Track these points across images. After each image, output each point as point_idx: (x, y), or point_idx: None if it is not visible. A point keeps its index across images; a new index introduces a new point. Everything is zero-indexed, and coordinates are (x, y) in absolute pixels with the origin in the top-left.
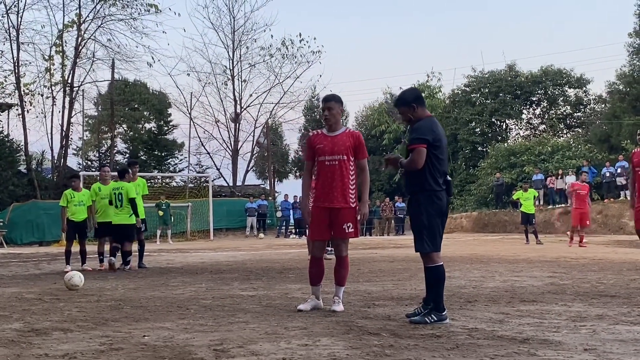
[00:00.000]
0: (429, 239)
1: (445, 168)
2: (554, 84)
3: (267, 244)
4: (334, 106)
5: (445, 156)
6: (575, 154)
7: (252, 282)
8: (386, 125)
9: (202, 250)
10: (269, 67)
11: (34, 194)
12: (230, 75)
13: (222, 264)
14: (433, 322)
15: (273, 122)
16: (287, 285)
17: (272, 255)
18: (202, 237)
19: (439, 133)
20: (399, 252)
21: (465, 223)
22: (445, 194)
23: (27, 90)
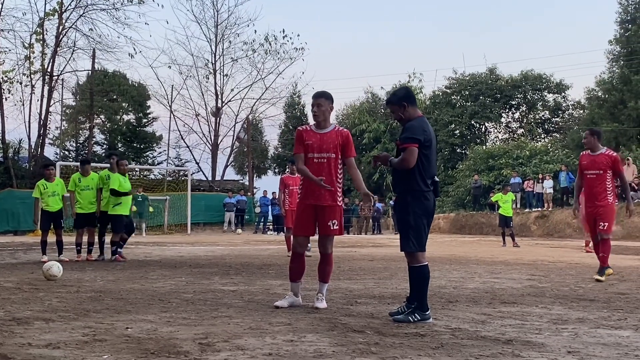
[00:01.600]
0: (414, 239)
1: (433, 169)
2: (533, 88)
3: (245, 240)
4: (324, 103)
5: (434, 157)
6: (553, 159)
7: (233, 277)
8: (366, 125)
9: (180, 244)
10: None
11: (10, 182)
12: (212, 69)
13: (200, 259)
14: (416, 321)
15: (254, 118)
16: (268, 281)
17: (251, 250)
18: (179, 230)
19: (430, 133)
20: (378, 251)
21: (442, 224)
22: (433, 195)
23: (5, 77)
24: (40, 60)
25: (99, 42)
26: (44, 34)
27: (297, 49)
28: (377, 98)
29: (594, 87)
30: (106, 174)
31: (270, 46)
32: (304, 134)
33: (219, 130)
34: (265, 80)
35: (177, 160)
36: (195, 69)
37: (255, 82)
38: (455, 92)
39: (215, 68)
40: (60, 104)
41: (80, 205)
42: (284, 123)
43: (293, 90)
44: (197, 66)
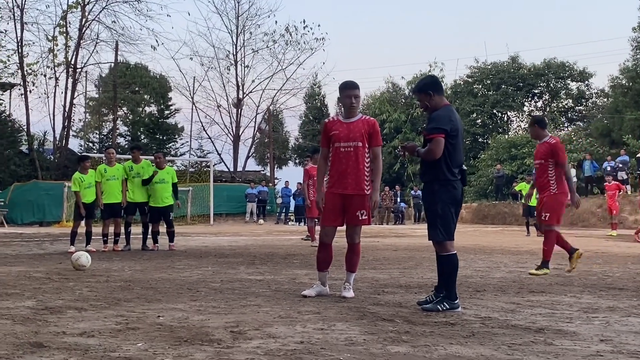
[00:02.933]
0: (442, 228)
1: (460, 158)
2: (556, 76)
3: (267, 230)
4: (359, 93)
5: (461, 146)
6: (577, 148)
7: (258, 267)
8: (387, 115)
9: (203, 234)
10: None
11: (35, 174)
12: (233, 61)
13: (225, 249)
14: (445, 310)
15: (275, 109)
16: (293, 270)
17: (274, 241)
18: (201, 221)
19: (457, 122)
20: (401, 241)
21: (465, 214)
22: (460, 184)
23: (30, 70)
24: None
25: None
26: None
27: (318, 39)
28: (397, 88)
29: (617, 75)
30: (129, 165)
31: (290, 37)
32: (330, 125)
33: (241, 122)
34: (286, 71)
35: (199, 152)
36: (217, 60)
37: (276, 73)
38: (477, 81)
39: (236, 59)
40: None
41: (106, 196)
42: (304, 114)
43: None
44: (218, 57)
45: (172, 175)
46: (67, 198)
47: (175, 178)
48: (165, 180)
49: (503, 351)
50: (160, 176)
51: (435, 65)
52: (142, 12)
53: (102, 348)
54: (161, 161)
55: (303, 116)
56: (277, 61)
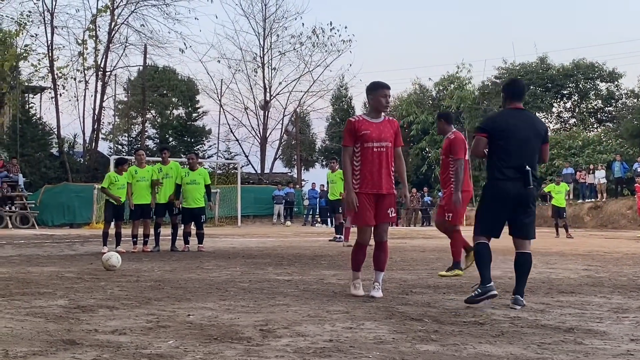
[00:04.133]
0: (479, 222)
1: (517, 159)
2: (585, 77)
3: (295, 232)
4: (390, 94)
5: (517, 147)
6: (606, 149)
7: (286, 268)
8: (414, 116)
9: (231, 235)
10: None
11: (66, 176)
12: (260, 63)
13: (253, 250)
14: (479, 295)
15: (301, 111)
16: (321, 271)
17: (302, 242)
18: (229, 223)
19: (503, 124)
20: (429, 243)
21: None
22: (513, 184)
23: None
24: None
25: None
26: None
27: (345, 41)
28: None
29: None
30: (159, 167)
31: (317, 39)
32: (358, 124)
33: (268, 124)
34: (313, 73)
35: (226, 154)
36: (244, 62)
37: (302, 75)
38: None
39: (263, 62)
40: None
41: (136, 197)
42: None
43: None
44: (245, 60)
45: (205, 177)
46: (97, 200)
47: (208, 179)
48: (197, 181)
49: (532, 350)
50: (192, 177)
51: (463, 66)
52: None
53: (133, 345)
54: (194, 162)
55: (330, 118)
56: (304, 63)
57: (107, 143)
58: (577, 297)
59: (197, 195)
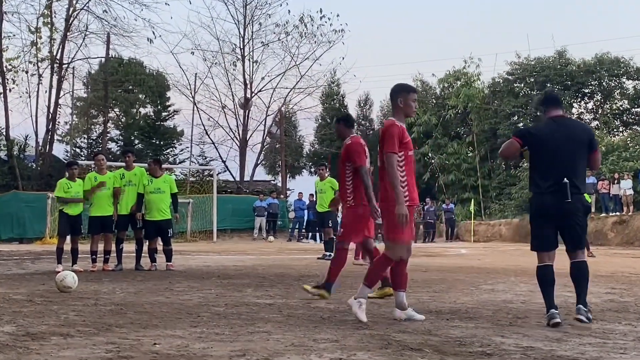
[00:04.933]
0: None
1: (554, 170)
2: (609, 74)
3: (278, 248)
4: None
5: (553, 158)
6: (633, 155)
7: (267, 289)
8: (416, 117)
9: (205, 252)
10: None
11: (15, 184)
12: (240, 55)
13: (230, 269)
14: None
15: (287, 110)
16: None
17: (286, 260)
18: (204, 238)
19: (542, 135)
20: (432, 261)
21: (504, 231)
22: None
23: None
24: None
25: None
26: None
27: (337, 31)
28: (427, 86)
29: None
30: (121, 173)
31: (305, 28)
32: (403, 130)
33: (248, 125)
34: (300, 67)
35: (201, 159)
36: (222, 55)
37: (288, 69)
38: (519, 79)
39: (243, 54)
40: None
41: (95, 208)
42: (321, 116)
43: (331, 79)
44: (223, 52)
45: (171, 184)
46: (51, 211)
47: (174, 187)
48: (162, 189)
49: None
50: (156, 185)
51: (471, 61)
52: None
53: None
54: (153, 169)
55: (319, 118)
56: (290, 56)
57: (63, 146)
58: (599, 324)
59: (163, 206)
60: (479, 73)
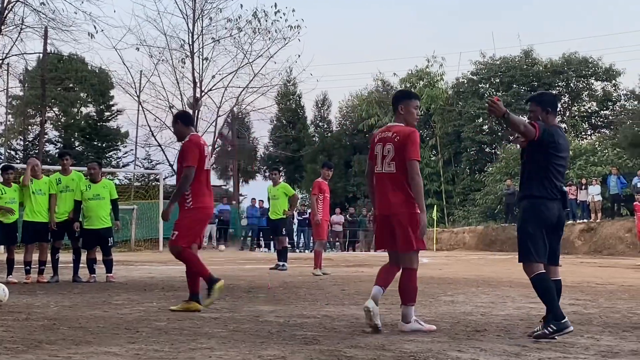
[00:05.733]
0: (532, 247)
1: (561, 178)
2: (577, 75)
3: (229, 258)
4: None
5: (564, 167)
6: (601, 160)
7: (214, 303)
8: (376, 119)
9: (150, 263)
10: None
11: None
12: (189, 52)
13: (175, 280)
14: (553, 332)
15: (240, 110)
16: (257, 306)
17: (237, 271)
18: (149, 247)
19: (561, 140)
20: None
21: (468, 239)
22: (556, 204)
23: None
24: None
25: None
26: None
27: (292, 27)
28: (388, 86)
29: None
30: (57, 178)
31: (259, 24)
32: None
33: (198, 126)
34: (254, 65)
35: (146, 162)
36: (169, 51)
37: (241, 67)
38: (484, 79)
39: (192, 50)
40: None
41: (30, 214)
42: (276, 117)
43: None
44: (170, 48)
45: (111, 190)
46: None
47: (114, 193)
48: (102, 196)
49: None
50: (95, 191)
51: (435, 60)
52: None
53: None
54: (96, 173)
55: (274, 120)
56: (242, 53)
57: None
58: (560, 337)
59: (102, 213)
60: (443, 73)
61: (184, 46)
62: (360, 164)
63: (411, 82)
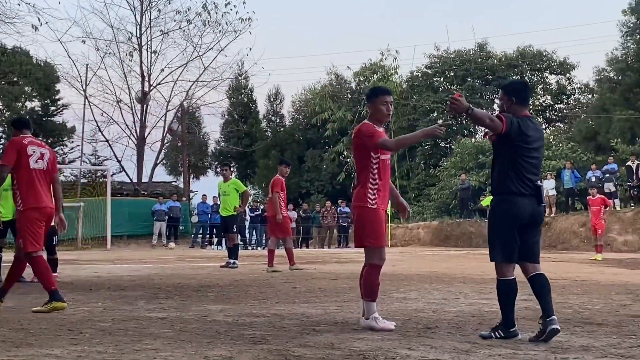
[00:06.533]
0: (498, 247)
1: (533, 172)
2: (532, 68)
3: (179, 256)
4: (392, 100)
5: (536, 160)
6: (555, 154)
7: (162, 302)
8: (329, 113)
9: (97, 262)
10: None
11: None
12: (136, 45)
13: (123, 279)
14: (499, 339)
15: (190, 105)
16: (206, 305)
17: (186, 269)
18: (96, 245)
19: (528, 131)
20: (343, 268)
21: (422, 235)
22: (527, 200)
23: None
24: None
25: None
26: None
27: (243, 19)
28: (342, 80)
29: (604, 67)
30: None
31: (209, 16)
32: (381, 134)
33: (146, 121)
34: (204, 58)
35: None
36: (116, 44)
37: (191, 60)
38: (438, 73)
39: (140, 43)
40: None
41: None
42: (227, 111)
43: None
44: (118, 41)
45: None
46: None
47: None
48: None
49: None
50: None
51: (389, 53)
52: None
53: None
54: None
55: (226, 114)
56: (192, 46)
57: None
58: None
59: None
60: (397, 66)
61: (132, 39)
62: (313, 159)
63: (365, 76)
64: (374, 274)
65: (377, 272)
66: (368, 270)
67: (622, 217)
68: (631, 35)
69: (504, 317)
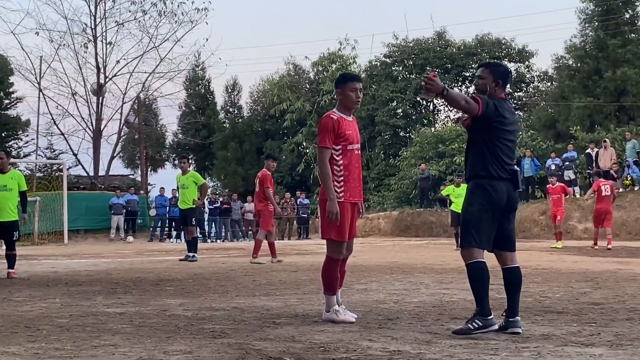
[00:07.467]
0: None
1: (510, 156)
2: (491, 56)
3: (138, 250)
4: (361, 87)
5: (511, 143)
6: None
7: (120, 297)
8: (288, 104)
9: (54, 257)
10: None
11: None
12: (91, 36)
13: (80, 275)
14: (478, 329)
15: (146, 97)
16: (165, 300)
17: (145, 263)
18: (53, 240)
19: (505, 113)
20: (304, 260)
21: (383, 225)
22: (504, 184)
23: None
24: None
25: None
26: None
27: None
28: (300, 70)
29: (563, 55)
30: None
31: (164, 6)
32: (342, 122)
33: (102, 113)
34: (160, 49)
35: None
36: (70, 35)
37: (147, 51)
38: (397, 62)
39: (95, 34)
40: None
41: None
42: (184, 103)
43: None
44: (72, 32)
45: (20, 181)
46: None
47: (23, 185)
48: (9, 187)
49: None
50: (3, 182)
51: (347, 42)
52: None
53: None
54: (4, 162)
55: (183, 106)
56: (148, 37)
57: None
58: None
59: (10, 205)
60: (355, 56)
61: (86, 30)
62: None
63: (323, 66)
64: (331, 267)
65: (335, 265)
66: (326, 263)
67: (582, 204)
68: (589, 22)
69: (479, 305)
